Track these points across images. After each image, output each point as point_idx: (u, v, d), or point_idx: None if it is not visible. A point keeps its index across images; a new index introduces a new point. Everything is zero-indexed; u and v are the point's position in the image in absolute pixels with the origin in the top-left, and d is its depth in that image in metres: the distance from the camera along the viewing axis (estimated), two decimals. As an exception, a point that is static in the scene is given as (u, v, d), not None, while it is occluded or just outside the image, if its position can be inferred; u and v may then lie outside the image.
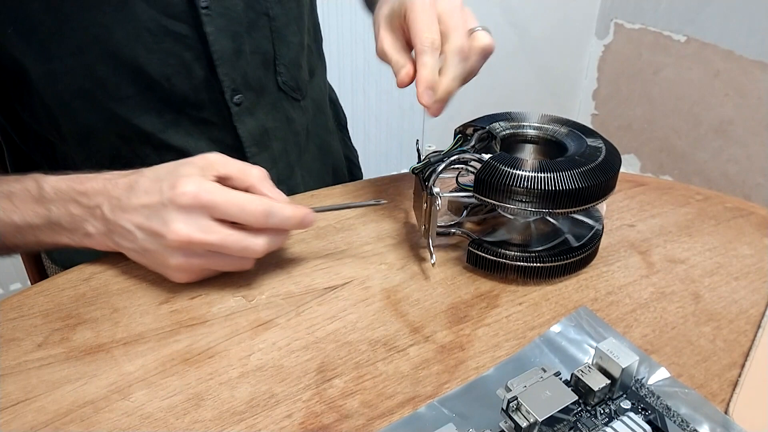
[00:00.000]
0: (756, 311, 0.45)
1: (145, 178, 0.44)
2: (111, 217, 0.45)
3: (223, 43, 0.56)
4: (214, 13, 0.55)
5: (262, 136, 0.63)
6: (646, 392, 0.37)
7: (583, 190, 0.43)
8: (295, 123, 0.67)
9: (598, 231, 0.49)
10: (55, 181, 0.46)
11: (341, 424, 0.36)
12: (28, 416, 0.36)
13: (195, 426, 0.36)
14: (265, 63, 0.61)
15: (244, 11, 0.57)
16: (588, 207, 0.45)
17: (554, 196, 0.43)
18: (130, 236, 0.44)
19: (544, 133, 0.51)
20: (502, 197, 0.44)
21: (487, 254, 0.47)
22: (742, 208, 0.58)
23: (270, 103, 0.63)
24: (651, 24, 1.79)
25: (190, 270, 0.45)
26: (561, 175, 0.43)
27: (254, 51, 0.59)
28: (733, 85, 1.64)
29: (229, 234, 0.42)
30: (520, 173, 0.43)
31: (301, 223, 0.44)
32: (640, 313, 0.45)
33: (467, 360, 0.41)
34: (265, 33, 0.60)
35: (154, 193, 0.43)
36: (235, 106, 0.59)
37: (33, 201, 0.46)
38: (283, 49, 0.62)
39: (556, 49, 1.91)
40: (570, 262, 0.47)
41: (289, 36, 0.63)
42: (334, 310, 0.45)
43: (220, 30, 0.55)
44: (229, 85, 0.58)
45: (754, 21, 1.56)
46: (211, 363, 0.40)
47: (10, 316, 0.44)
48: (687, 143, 1.80)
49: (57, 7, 0.49)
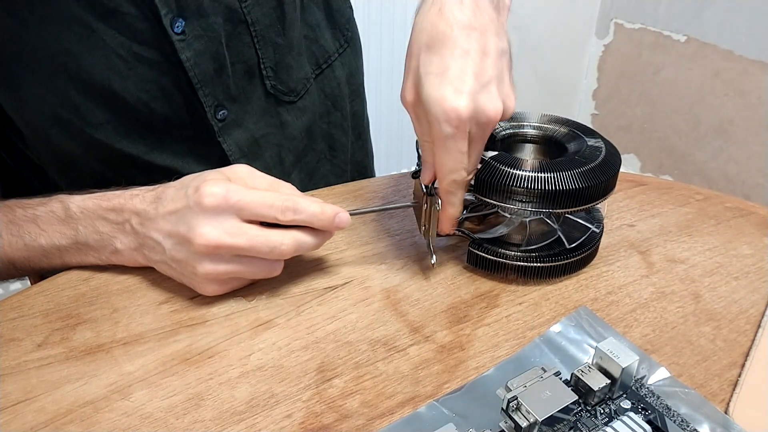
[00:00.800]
0: (756, 311, 0.45)
1: (171, 188, 0.44)
2: (141, 230, 0.44)
3: (203, 67, 0.53)
4: (190, 38, 0.51)
5: (252, 146, 0.60)
6: (646, 392, 0.37)
7: (583, 190, 0.43)
8: (290, 127, 0.64)
9: (598, 231, 0.49)
10: (81, 200, 0.46)
11: (341, 424, 0.36)
12: (28, 416, 0.36)
13: (195, 426, 0.36)
14: (249, 71, 0.58)
15: (223, 25, 0.53)
16: (588, 207, 0.45)
17: (554, 195, 0.43)
18: (158, 247, 0.44)
19: (544, 133, 0.51)
20: (502, 197, 0.44)
21: (488, 254, 0.47)
22: (742, 208, 0.58)
23: (259, 111, 0.60)
24: (651, 24, 1.79)
25: (219, 279, 0.44)
26: (561, 175, 0.43)
27: (236, 61, 0.56)
28: (733, 85, 1.64)
29: (256, 235, 0.42)
30: (520, 173, 0.43)
31: (331, 222, 0.43)
32: (640, 312, 0.45)
33: (467, 360, 0.41)
34: (245, 40, 0.56)
35: (180, 198, 0.43)
36: (218, 122, 0.56)
37: (59, 222, 0.46)
38: (269, 52, 0.58)
39: (556, 49, 1.91)
40: (570, 262, 0.47)
41: (274, 37, 0.58)
42: (334, 310, 0.45)
43: (199, 54, 0.52)
44: (211, 103, 0.55)
45: (754, 21, 1.55)
46: (211, 363, 0.40)
47: (10, 316, 0.44)
48: (687, 143, 1.80)
49: (18, 34, 0.47)
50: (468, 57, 0.40)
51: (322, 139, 0.69)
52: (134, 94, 0.52)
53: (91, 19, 0.48)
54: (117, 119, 0.53)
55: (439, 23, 0.40)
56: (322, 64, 0.66)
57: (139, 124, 0.54)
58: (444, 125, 0.39)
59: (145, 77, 0.52)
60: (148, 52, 0.51)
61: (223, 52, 0.54)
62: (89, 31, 0.48)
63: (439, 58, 0.40)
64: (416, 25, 0.42)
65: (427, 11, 0.42)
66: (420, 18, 0.42)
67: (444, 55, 0.40)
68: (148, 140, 0.55)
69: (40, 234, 0.46)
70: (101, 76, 0.50)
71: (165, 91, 0.53)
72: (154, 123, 0.54)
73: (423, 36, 0.41)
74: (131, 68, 0.51)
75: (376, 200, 0.59)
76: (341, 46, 0.69)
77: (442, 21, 0.40)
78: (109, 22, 0.48)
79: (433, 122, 0.40)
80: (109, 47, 0.49)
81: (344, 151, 0.72)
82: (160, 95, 0.53)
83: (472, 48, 0.40)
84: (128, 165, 0.55)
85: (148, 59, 0.51)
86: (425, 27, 0.41)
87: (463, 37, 0.40)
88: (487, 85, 0.40)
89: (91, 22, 0.48)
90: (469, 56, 0.40)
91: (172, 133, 0.56)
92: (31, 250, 0.46)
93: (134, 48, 0.50)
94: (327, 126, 0.69)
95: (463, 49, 0.40)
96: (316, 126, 0.68)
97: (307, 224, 0.43)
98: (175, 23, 0.50)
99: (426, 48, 0.41)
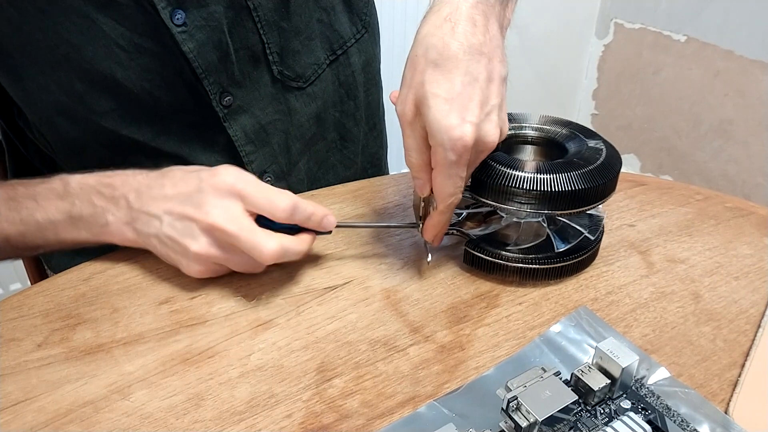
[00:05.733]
0: (756, 311, 0.45)
1: (179, 170, 0.46)
2: (136, 205, 0.45)
3: (206, 57, 0.53)
4: (191, 29, 0.51)
5: (259, 132, 0.60)
6: (646, 392, 0.37)
7: (583, 192, 0.43)
8: (298, 114, 0.63)
9: (593, 238, 0.49)
10: (82, 177, 0.47)
11: (341, 424, 0.36)
12: (28, 416, 0.36)
13: (195, 426, 0.36)
14: (254, 57, 0.57)
15: (224, 13, 0.53)
16: (587, 209, 0.45)
17: (553, 197, 0.43)
18: (154, 222, 0.45)
19: (545, 135, 0.50)
20: (500, 198, 0.44)
21: (483, 254, 0.47)
22: (742, 208, 0.58)
23: (266, 97, 0.59)
24: (651, 24, 1.79)
25: (206, 262, 0.45)
26: (560, 177, 0.43)
27: (240, 48, 0.55)
28: (733, 85, 1.64)
29: (247, 228, 0.43)
30: (519, 174, 0.43)
31: (321, 222, 0.46)
32: (640, 312, 0.45)
33: (467, 360, 0.41)
34: (248, 26, 0.55)
35: (191, 181, 0.44)
36: (224, 108, 0.56)
37: (57, 197, 0.47)
38: (274, 37, 0.57)
39: (556, 49, 1.91)
40: (567, 264, 0.47)
41: (279, 21, 0.57)
42: (334, 310, 0.45)
43: (201, 44, 0.52)
44: (216, 90, 0.55)
45: (754, 21, 1.55)
46: (211, 363, 0.40)
47: (10, 316, 0.44)
48: (687, 143, 1.80)
49: (19, 27, 0.47)
50: (476, 85, 0.40)
51: (334, 128, 0.68)
52: (137, 83, 0.52)
53: (90, 10, 0.48)
54: (122, 107, 0.53)
55: (451, 43, 0.40)
56: (336, 50, 0.64)
57: (144, 111, 0.54)
58: (449, 153, 0.40)
59: (148, 67, 0.52)
60: (148, 43, 0.51)
61: (226, 40, 0.54)
62: (89, 21, 0.48)
63: (447, 82, 0.40)
64: (424, 38, 0.41)
65: (439, 27, 0.41)
66: (429, 31, 0.41)
67: (453, 80, 0.40)
68: (154, 126, 0.55)
69: (37, 209, 0.46)
70: (103, 66, 0.50)
71: (168, 80, 0.53)
72: (159, 110, 0.55)
73: (432, 52, 0.40)
74: (133, 59, 0.51)
75: (377, 200, 0.59)
76: (358, 31, 0.67)
77: (455, 42, 0.40)
78: (109, 13, 0.48)
79: (437, 148, 0.40)
80: (109, 38, 0.49)
81: (355, 141, 0.71)
82: (163, 84, 0.53)
83: (480, 75, 0.40)
84: (135, 151, 0.56)
85: (149, 50, 0.51)
86: (435, 43, 0.40)
87: (474, 63, 0.40)
88: (489, 113, 0.41)
89: (90, 12, 0.48)
90: (477, 84, 0.40)
91: (177, 119, 0.56)
92: (27, 225, 0.47)
93: (135, 39, 0.50)
94: (339, 115, 0.68)
95: (472, 75, 0.40)
96: (327, 114, 0.66)
97: (302, 224, 0.45)
98: (175, 15, 0.50)
99: (434, 65, 0.40)
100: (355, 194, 0.60)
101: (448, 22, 0.41)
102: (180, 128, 0.56)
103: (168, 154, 0.57)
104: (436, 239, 0.48)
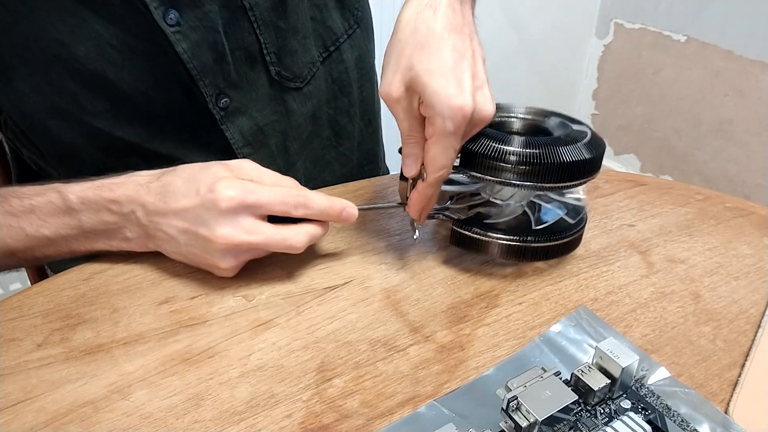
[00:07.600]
0: (756, 311, 0.45)
1: (178, 179, 0.45)
2: (146, 222, 0.45)
3: (201, 58, 0.52)
4: (185, 29, 0.50)
5: (256, 134, 0.59)
6: (646, 392, 0.37)
7: (571, 165, 0.43)
8: (296, 114, 0.62)
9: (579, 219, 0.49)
10: (80, 190, 0.46)
11: (341, 424, 0.36)
12: (28, 416, 0.36)
13: (195, 426, 0.36)
14: (250, 57, 0.56)
15: (219, 13, 0.52)
16: (574, 185, 0.45)
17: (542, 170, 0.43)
18: (172, 241, 0.45)
19: (531, 121, 0.51)
20: (487, 169, 0.44)
21: (470, 232, 0.47)
22: (742, 208, 0.58)
23: (264, 98, 0.59)
24: (651, 24, 1.79)
25: (239, 266, 0.46)
26: (547, 150, 0.43)
27: (236, 48, 0.54)
28: (733, 85, 1.64)
29: (272, 234, 0.44)
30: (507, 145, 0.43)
31: (339, 215, 0.46)
32: (640, 312, 0.45)
33: (467, 360, 0.41)
34: (244, 26, 0.54)
35: (192, 195, 0.43)
36: (220, 110, 0.55)
37: (61, 213, 0.46)
38: (270, 37, 0.56)
39: (556, 49, 1.91)
40: (551, 245, 0.47)
41: (275, 21, 0.56)
42: (334, 310, 0.45)
43: (196, 45, 0.51)
44: (212, 92, 0.54)
45: (754, 21, 1.56)
46: (211, 363, 0.40)
47: (10, 316, 0.44)
48: (687, 143, 1.80)
49: (9, 25, 0.47)
50: (465, 60, 0.41)
51: (328, 126, 0.68)
52: (131, 83, 0.51)
53: (82, 9, 0.47)
54: (115, 107, 0.52)
55: (435, 24, 0.41)
56: (329, 46, 0.64)
57: (138, 112, 0.53)
58: (448, 122, 0.40)
59: (141, 68, 0.51)
60: (142, 43, 0.50)
61: (221, 41, 0.53)
62: (81, 20, 0.48)
63: (439, 58, 0.41)
64: (407, 24, 0.43)
65: (420, 12, 0.42)
66: (410, 16, 0.43)
67: (443, 56, 0.41)
68: (149, 128, 0.55)
69: (42, 225, 0.46)
70: (96, 66, 0.49)
71: (163, 81, 0.52)
72: (154, 111, 0.54)
73: (417, 35, 0.42)
74: (126, 59, 0.50)
75: (377, 200, 0.59)
76: (350, 27, 0.66)
77: (437, 23, 0.41)
78: (101, 13, 0.48)
79: (436, 118, 0.41)
80: (102, 38, 0.49)
81: (350, 138, 0.71)
82: (158, 85, 0.52)
83: (466, 52, 0.42)
84: (130, 153, 0.55)
85: (143, 50, 0.50)
86: (419, 27, 0.42)
87: (459, 41, 0.42)
88: (481, 87, 0.42)
89: (82, 11, 0.47)
90: (466, 59, 0.41)
91: (173, 120, 0.55)
92: (34, 240, 0.46)
93: (128, 39, 0.49)
94: (333, 112, 0.67)
95: (460, 52, 0.41)
96: (321, 112, 0.66)
97: (316, 218, 0.46)
98: (168, 15, 0.49)
99: (420, 47, 0.41)
100: (355, 194, 0.60)
101: (429, 8, 0.42)
102: (175, 129, 0.56)
103: (163, 155, 0.56)
104: (422, 216, 0.48)
